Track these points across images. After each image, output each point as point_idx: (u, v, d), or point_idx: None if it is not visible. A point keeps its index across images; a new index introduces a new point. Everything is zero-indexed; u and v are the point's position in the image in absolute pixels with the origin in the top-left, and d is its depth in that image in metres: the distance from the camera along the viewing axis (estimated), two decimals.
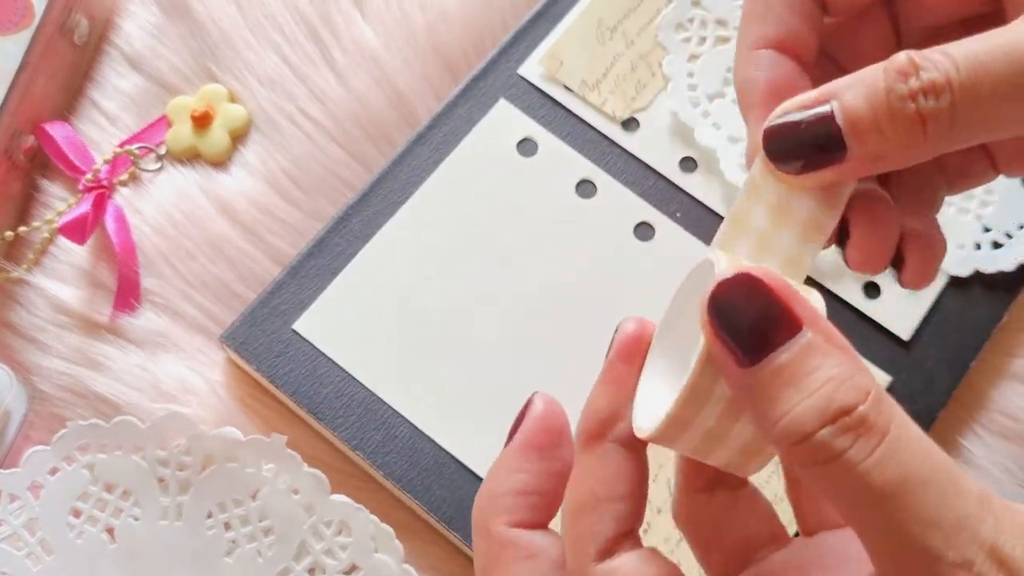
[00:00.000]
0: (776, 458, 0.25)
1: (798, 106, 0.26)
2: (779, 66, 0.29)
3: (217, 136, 0.47)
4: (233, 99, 0.48)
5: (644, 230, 0.44)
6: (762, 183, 0.27)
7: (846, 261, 0.29)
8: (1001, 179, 0.46)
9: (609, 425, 0.25)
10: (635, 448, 0.25)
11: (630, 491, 0.25)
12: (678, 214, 0.44)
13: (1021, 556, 0.20)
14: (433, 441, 0.40)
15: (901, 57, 0.25)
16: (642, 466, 0.25)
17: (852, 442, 0.20)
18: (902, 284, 0.31)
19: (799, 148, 0.26)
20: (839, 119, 0.25)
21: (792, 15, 0.29)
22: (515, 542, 0.25)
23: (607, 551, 0.24)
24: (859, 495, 0.20)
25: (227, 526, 0.39)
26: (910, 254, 0.30)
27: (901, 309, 0.44)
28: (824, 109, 0.25)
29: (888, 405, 0.21)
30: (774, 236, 0.27)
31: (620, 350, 0.27)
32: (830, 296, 0.44)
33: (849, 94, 0.25)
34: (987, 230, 0.45)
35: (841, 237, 0.29)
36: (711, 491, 0.27)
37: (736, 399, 0.23)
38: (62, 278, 0.44)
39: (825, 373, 0.21)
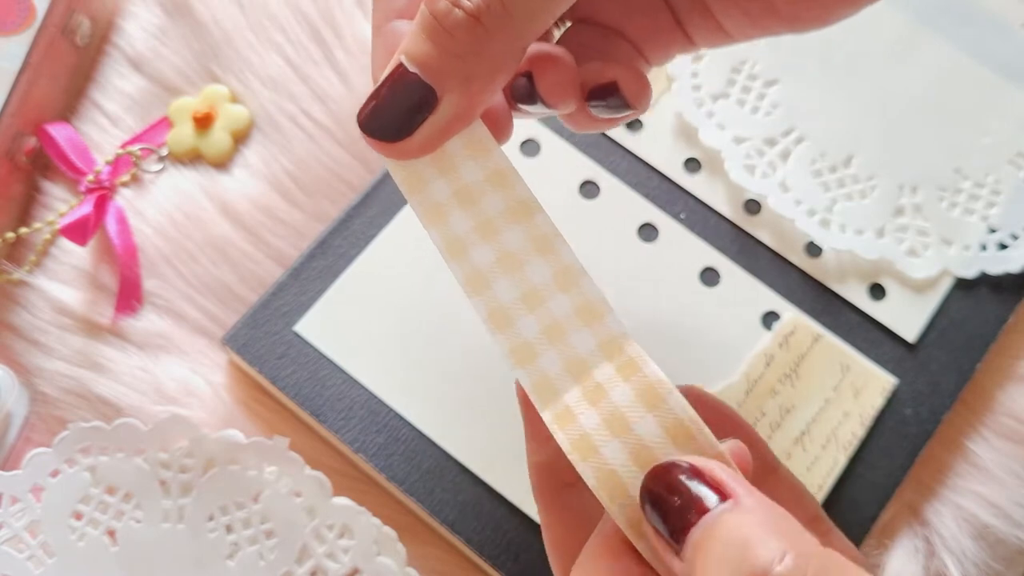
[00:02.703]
0: None
1: (383, 82, 0.26)
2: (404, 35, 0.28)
3: (219, 137, 0.46)
4: (235, 100, 0.47)
5: (648, 231, 0.44)
6: (413, 183, 0.27)
7: (544, 101, 0.29)
8: (1007, 181, 0.46)
9: None
10: None
11: None
12: (682, 215, 0.44)
13: None
14: (435, 444, 0.40)
15: None
16: None
17: None
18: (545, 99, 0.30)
19: (398, 116, 0.26)
20: (411, 67, 0.25)
21: None
22: None
23: None
24: None
25: (229, 529, 0.39)
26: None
27: (907, 311, 0.43)
28: (395, 65, 0.25)
29: (812, 560, 0.20)
30: (479, 212, 0.27)
31: None
32: (836, 298, 0.43)
33: (408, 41, 0.25)
34: (993, 231, 0.45)
35: (532, 90, 0.29)
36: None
37: None
38: (63, 280, 0.44)
39: (736, 537, 0.21)
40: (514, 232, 0.27)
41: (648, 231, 0.44)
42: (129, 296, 0.44)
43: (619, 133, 0.45)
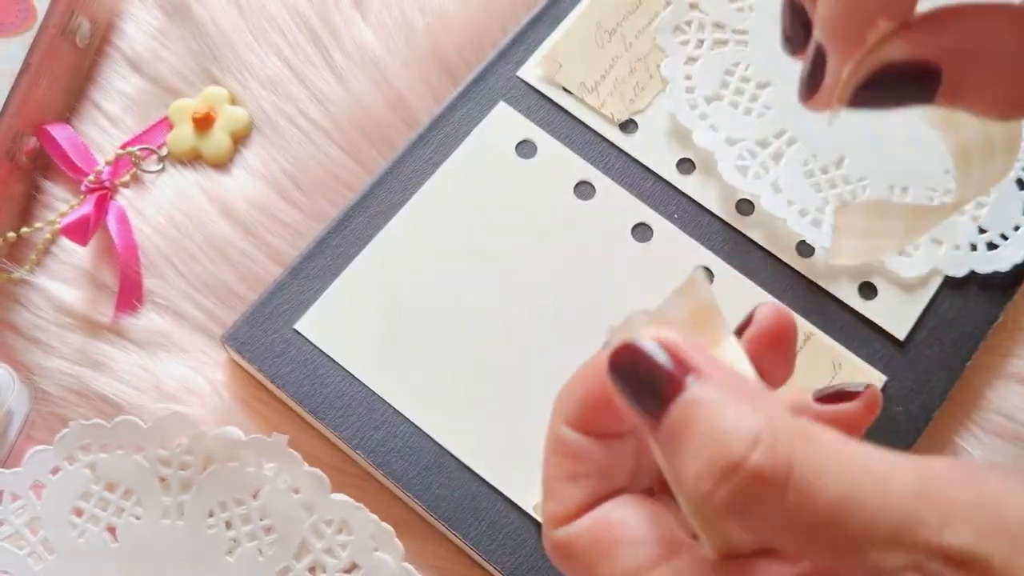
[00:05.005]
0: None
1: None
2: None
3: (218, 138, 0.47)
4: (234, 101, 0.48)
5: (642, 231, 0.44)
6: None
7: None
8: None
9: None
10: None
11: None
12: (676, 215, 0.45)
13: (969, 541, 0.19)
14: (433, 440, 0.40)
15: None
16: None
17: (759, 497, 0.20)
18: None
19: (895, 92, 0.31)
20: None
21: None
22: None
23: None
24: (784, 535, 0.20)
25: (228, 525, 0.39)
26: None
27: (897, 309, 0.44)
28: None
29: (785, 441, 0.20)
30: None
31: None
32: (827, 297, 0.44)
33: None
34: (982, 231, 0.45)
35: None
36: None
37: None
38: (64, 279, 0.45)
39: (710, 427, 0.21)
40: None
41: (642, 231, 0.44)
42: (130, 295, 0.44)
43: (614, 134, 0.46)
